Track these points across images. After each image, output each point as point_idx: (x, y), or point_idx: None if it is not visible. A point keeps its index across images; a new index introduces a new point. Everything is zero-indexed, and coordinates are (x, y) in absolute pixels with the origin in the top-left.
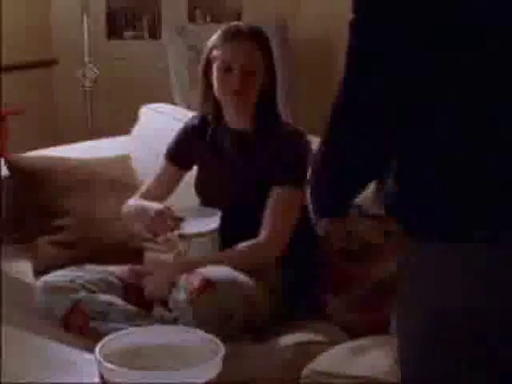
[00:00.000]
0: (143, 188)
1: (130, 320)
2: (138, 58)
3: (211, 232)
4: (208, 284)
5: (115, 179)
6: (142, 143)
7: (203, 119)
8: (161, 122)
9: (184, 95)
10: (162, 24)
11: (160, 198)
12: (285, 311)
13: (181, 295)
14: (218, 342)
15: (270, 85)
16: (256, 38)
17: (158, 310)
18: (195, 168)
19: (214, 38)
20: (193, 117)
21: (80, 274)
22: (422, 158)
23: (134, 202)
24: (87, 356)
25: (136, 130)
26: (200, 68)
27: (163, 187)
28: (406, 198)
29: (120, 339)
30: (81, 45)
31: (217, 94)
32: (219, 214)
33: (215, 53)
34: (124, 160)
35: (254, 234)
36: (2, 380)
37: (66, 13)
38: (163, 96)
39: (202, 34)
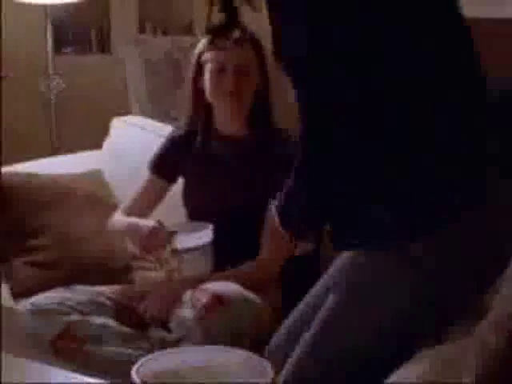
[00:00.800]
0: (127, 202)
1: (127, 342)
2: (87, 72)
3: (204, 246)
4: (219, 300)
5: (89, 195)
6: (115, 157)
7: (190, 128)
8: (133, 135)
9: (142, 108)
10: (111, 37)
11: (145, 213)
12: None
13: (187, 313)
14: (265, 361)
15: (263, 86)
16: (248, 38)
17: (155, 331)
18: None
19: (202, 43)
20: (178, 126)
21: (69, 295)
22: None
23: (120, 217)
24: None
25: (107, 143)
26: (189, 75)
27: (149, 201)
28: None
29: (156, 361)
30: (39, 57)
31: (210, 98)
32: (211, 227)
33: (206, 56)
34: (96, 175)
35: (250, 247)
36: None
37: (19, 26)
38: (120, 109)
39: (158, 46)
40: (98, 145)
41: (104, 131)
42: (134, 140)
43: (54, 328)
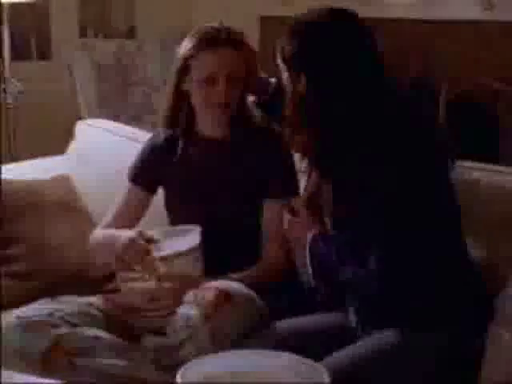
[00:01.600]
0: (108, 217)
1: (120, 354)
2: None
3: (193, 249)
4: (226, 296)
5: (61, 201)
6: (83, 161)
7: (169, 133)
8: (101, 138)
9: (92, 112)
10: (51, 43)
11: (129, 226)
12: None
13: (191, 313)
14: (315, 364)
15: (249, 87)
16: (237, 42)
17: (148, 340)
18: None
19: (188, 45)
20: (156, 132)
21: (57, 306)
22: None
23: (101, 231)
24: None
25: (72, 147)
26: (172, 80)
27: (131, 213)
28: None
29: (201, 366)
30: None
31: (196, 105)
32: (198, 229)
33: (195, 62)
34: (65, 180)
35: (241, 249)
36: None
37: None
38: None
39: (106, 51)
40: (54, 150)
41: (55, 136)
42: (102, 143)
43: (44, 341)
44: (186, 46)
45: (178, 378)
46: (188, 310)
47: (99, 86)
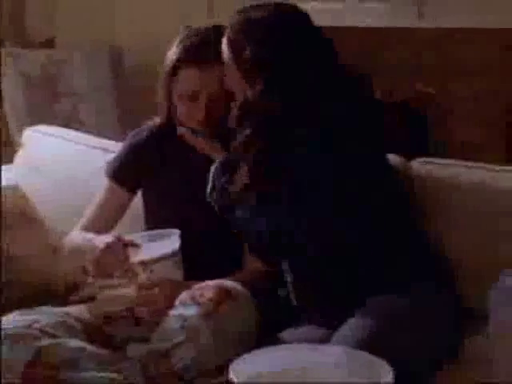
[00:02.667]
0: (85, 218)
1: (106, 366)
2: None
3: (172, 254)
4: (227, 293)
5: (17, 212)
6: (35, 171)
7: (152, 131)
8: (53, 146)
9: (20, 122)
10: None
11: (106, 229)
12: None
13: (188, 312)
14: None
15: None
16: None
17: (133, 349)
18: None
19: (175, 52)
20: (139, 130)
21: (35, 317)
22: None
23: (76, 235)
24: None
25: (21, 156)
26: (162, 81)
27: (110, 214)
28: None
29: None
30: None
31: (179, 119)
32: (178, 233)
33: (181, 72)
34: (16, 189)
35: (223, 254)
36: None
37: None
38: None
39: (33, 60)
40: None
41: None
42: (55, 151)
43: (23, 354)
44: (172, 53)
45: (231, 375)
46: (182, 310)
47: (28, 96)
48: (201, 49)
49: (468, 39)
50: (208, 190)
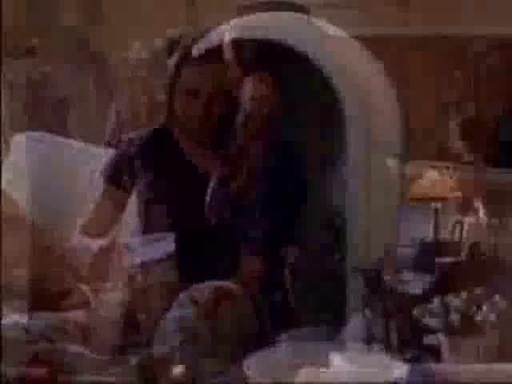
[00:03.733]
0: (83, 220)
1: (105, 370)
2: None
3: (167, 257)
4: (225, 293)
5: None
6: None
7: (149, 133)
8: (41, 152)
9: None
10: None
11: (104, 231)
12: None
13: (185, 313)
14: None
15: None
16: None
17: (131, 353)
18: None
19: (175, 57)
20: (131, 135)
21: (31, 321)
22: None
23: (75, 239)
24: None
25: (10, 161)
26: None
27: (107, 217)
28: None
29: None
30: None
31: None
32: (172, 236)
33: (182, 70)
34: (4, 194)
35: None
36: None
37: None
38: None
39: (18, 69)
40: None
41: None
42: (41, 157)
43: (21, 358)
44: (175, 55)
45: (245, 368)
46: (179, 312)
47: (11, 105)
48: (204, 48)
49: None
50: (206, 205)
